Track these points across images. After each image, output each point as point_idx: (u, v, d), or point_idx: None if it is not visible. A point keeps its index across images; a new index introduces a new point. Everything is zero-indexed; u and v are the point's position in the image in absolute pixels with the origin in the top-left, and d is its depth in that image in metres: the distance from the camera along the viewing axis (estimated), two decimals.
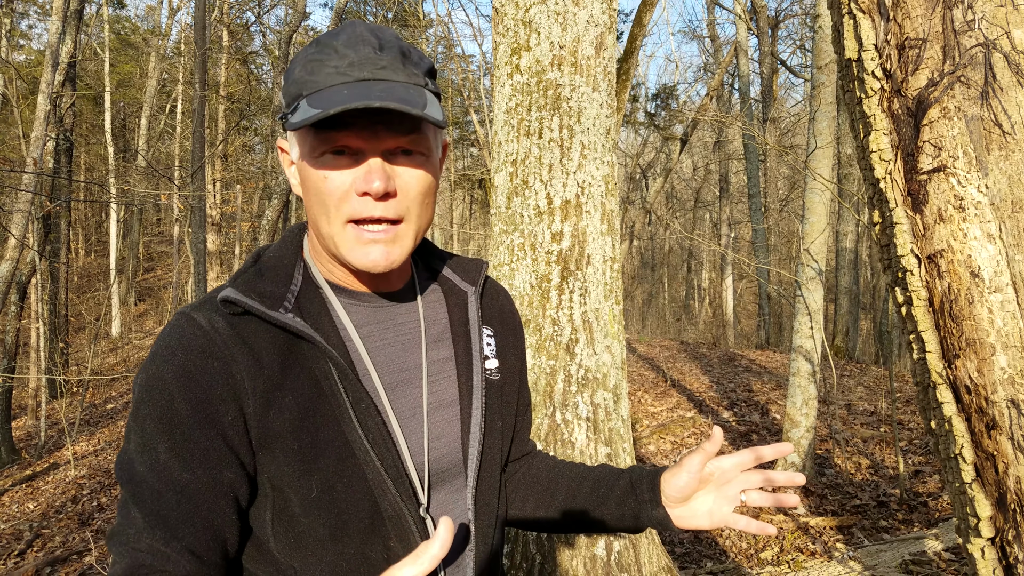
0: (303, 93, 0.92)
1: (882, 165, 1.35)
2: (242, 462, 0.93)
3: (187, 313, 0.95)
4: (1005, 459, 1.24)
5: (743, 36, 17.13)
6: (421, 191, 0.97)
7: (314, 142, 0.92)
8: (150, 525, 0.88)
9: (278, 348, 0.95)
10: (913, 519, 5.63)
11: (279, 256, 1.04)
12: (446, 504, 1.07)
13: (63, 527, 7.32)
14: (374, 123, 0.90)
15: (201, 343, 0.92)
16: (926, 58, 1.30)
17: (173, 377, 0.90)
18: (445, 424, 1.08)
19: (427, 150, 0.97)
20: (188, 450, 0.89)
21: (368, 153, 0.92)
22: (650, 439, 8.29)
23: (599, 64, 3.23)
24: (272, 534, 0.97)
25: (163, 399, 0.90)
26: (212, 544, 0.91)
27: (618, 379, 3.21)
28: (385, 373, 1.03)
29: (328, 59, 0.92)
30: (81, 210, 27.15)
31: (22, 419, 13.35)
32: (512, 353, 1.22)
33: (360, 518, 0.96)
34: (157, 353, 0.93)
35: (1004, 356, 1.24)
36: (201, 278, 12.57)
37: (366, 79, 0.91)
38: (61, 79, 10.79)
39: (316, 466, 0.94)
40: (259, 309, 0.94)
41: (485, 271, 1.19)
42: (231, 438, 0.91)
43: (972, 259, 1.26)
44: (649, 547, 3.15)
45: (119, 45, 25.13)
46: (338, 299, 1.03)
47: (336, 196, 0.93)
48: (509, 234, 3.21)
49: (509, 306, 1.26)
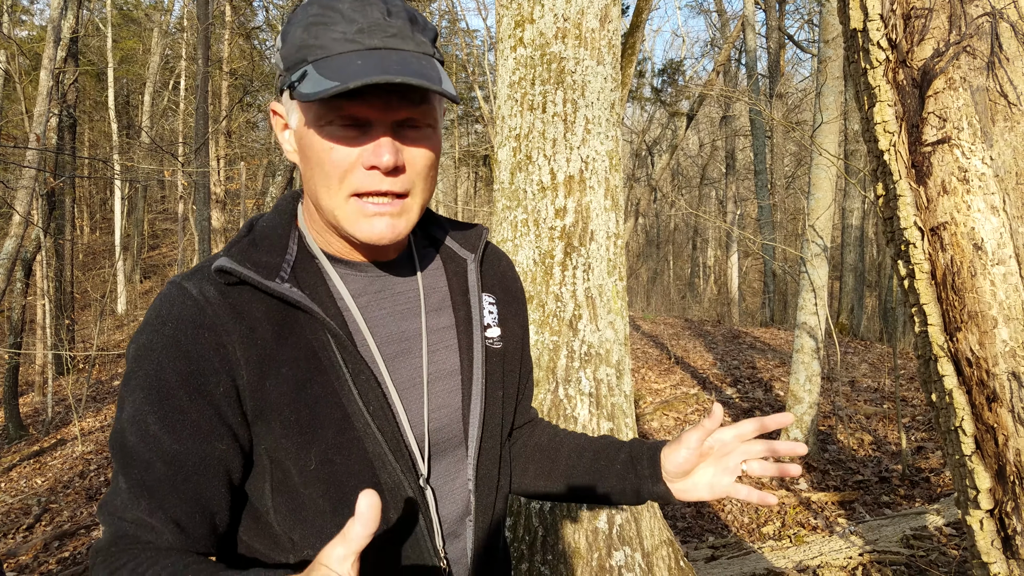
0: (308, 59, 0.88)
1: (886, 137, 1.34)
2: (235, 434, 0.92)
3: (178, 283, 0.94)
4: (1005, 431, 1.24)
5: (750, 10, 16.94)
6: (427, 164, 0.95)
7: (320, 111, 0.89)
8: (135, 496, 0.88)
9: (273, 318, 0.94)
10: (915, 494, 5.66)
11: (273, 225, 1.02)
12: (446, 475, 1.06)
13: (71, 502, 7.40)
14: (387, 94, 0.88)
15: (192, 313, 0.91)
16: (932, 28, 1.28)
17: (163, 347, 0.89)
18: (445, 394, 1.07)
19: (434, 122, 0.95)
20: (178, 421, 0.89)
21: (376, 124, 0.90)
22: (653, 415, 8.32)
23: (604, 37, 3.20)
24: (272, 506, 0.96)
25: (153, 369, 0.89)
26: (199, 516, 0.91)
27: (621, 355, 3.22)
28: (384, 343, 1.02)
29: (334, 22, 0.88)
30: (85, 187, 27.16)
31: (29, 396, 13.44)
32: (514, 320, 1.20)
33: (359, 489, 0.95)
34: (148, 323, 0.92)
35: (1006, 329, 1.24)
36: (205, 255, 12.59)
37: (377, 47, 0.88)
38: (63, 55, 10.74)
39: (314, 438, 0.93)
40: (255, 279, 0.92)
41: (485, 237, 1.17)
42: (223, 410, 0.91)
43: (975, 231, 1.25)
44: (651, 520, 3.18)
45: (121, 20, 24.97)
46: (334, 269, 1.01)
47: (341, 168, 0.90)
48: (512, 210, 3.20)
49: (511, 272, 1.24)
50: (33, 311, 15.19)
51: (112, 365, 15.22)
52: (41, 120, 7.87)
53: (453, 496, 1.07)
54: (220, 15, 16.86)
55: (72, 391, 10.94)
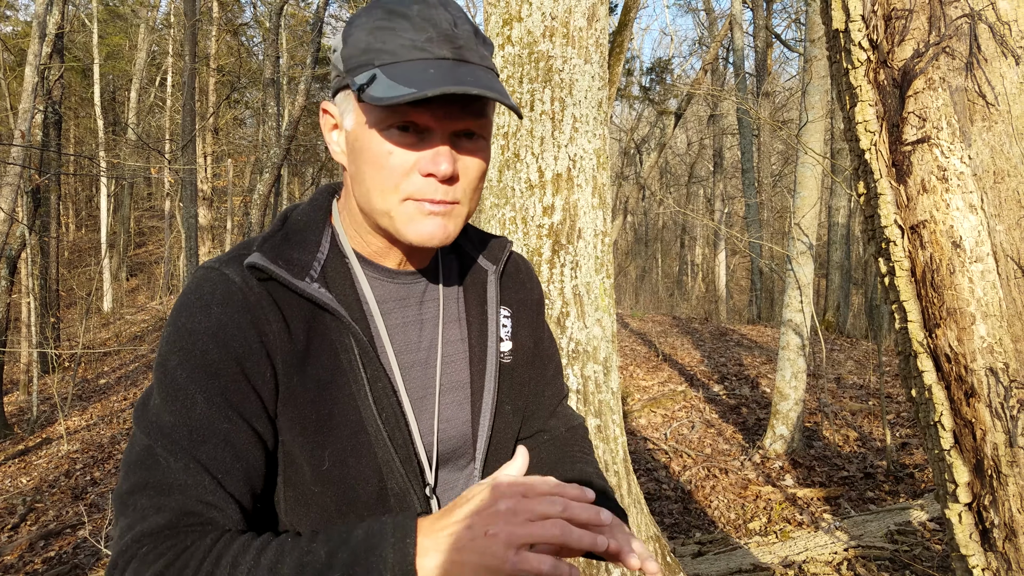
0: (375, 63, 0.89)
1: (867, 136, 1.36)
2: (270, 417, 0.93)
3: (217, 268, 0.94)
4: (983, 426, 1.26)
5: (738, 9, 16.99)
6: (478, 175, 0.97)
7: (382, 114, 0.90)
8: (193, 473, 0.86)
9: (304, 316, 0.95)
10: (899, 490, 5.71)
11: (308, 221, 1.02)
12: (453, 485, 1.08)
13: (56, 501, 7.36)
14: (451, 104, 0.89)
15: (238, 298, 0.91)
16: (912, 29, 1.30)
17: (207, 330, 0.89)
18: (456, 406, 1.08)
19: (488, 134, 0.97)
20: (226, 400, 0.89)
21: (436, 132, 0.91)
22: (641, 412, 8.36)
23: (591, 36, 3.21)
24: (283, 498, 0.98)
25: (197, 350, 0.89)
26: (250, 496, 0.91)
27: (608, 352, 3.23)
28: (402, 352, 1.03)
29: (402, 29, 0.89)
30: (71, 184, 26.95)
31: (14, 394, 13.35)
32: (526, 332, 1.20)
33: (367, 494, 0.97)
34: (187, 305, 0.91)
35: (984, 325, 1.26)
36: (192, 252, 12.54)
37: (446, 58, 0.89)
38: (49, 51, 10.65)
39: (329, 438, 0.95)
40: (285, 278, 0.93)
41: (509, 250, 1.18)
42: (263, 393, 0.92)
43: (954, 229, 1.28)
44: (638, 516, 3.20)
45: (107, 16, 24.78)
46: (363, 271, 1.02)
47: (399, 172, 0.91)
48: (500, 207, 3.21)
49: (530, 282, 1.24)
50: (18, 309, 15.08)
51: (98, 363, 15.13)
52: (26, 116, 7.81)
53: None
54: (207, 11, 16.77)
55: (57, 390, 10.87)
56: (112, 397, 11.74)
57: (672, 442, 7.34)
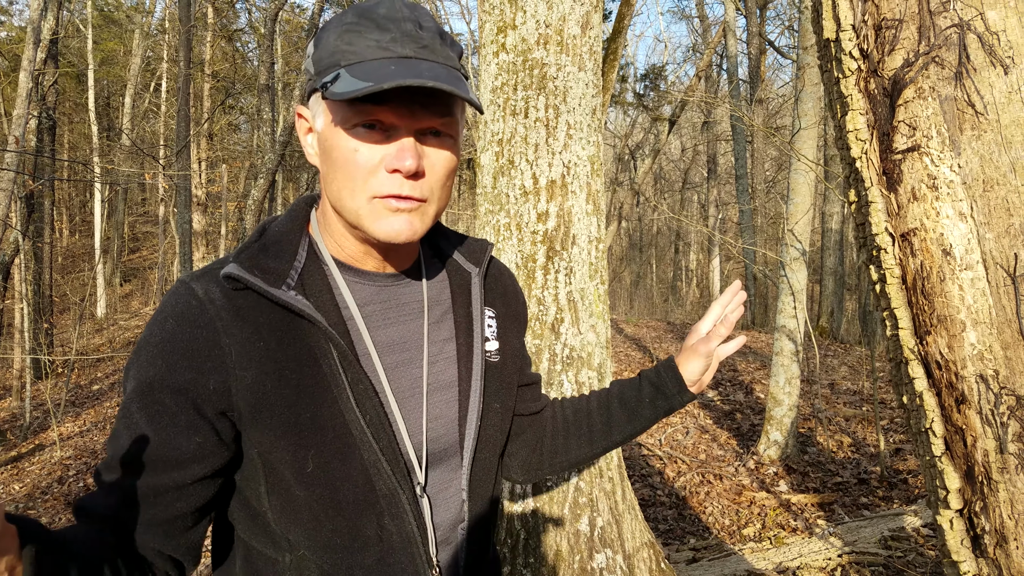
0: (341, 63, 0.91)
1: (858, 145, 1.37)
2: (216, 429, 0.95)
3: (186, 282, 0.97)
4: (973, 433, 1.27)
5: (731, 16, 17.08)
6: (446, 172, 0.98)
7: (347, 113, 0.92)
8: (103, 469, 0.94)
9: (277, 324, 0.96)
10: (893, 496, 5.72)
11: (285, 231, 1.04)
12: (441, 484, 1.08)
13: (49, 507, 7.32)
14: (413, 101, 0.91)
15: (194, 313, 0.94)
16: (902, 38, 1.31)
17: (158, 342, 0.93)
18: (443, 405, 1.09)
19: (455, 133, 0.98)
20: (156, 411, 0.92)
21: (401, 130, 0.92)
22: None
23: (585, 43, 3.23)
24: (269, 506, 0.99)
25: (145, 361, 0.93)
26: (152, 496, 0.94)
27: (603, 358, 3.24)
28: (386, 353, 1.04)
29: (367, 31, 0.91)
30: (65, 190, 26.89)
31: (6, 400, 13.28)
32: (513, 333, 1.23)
33: (355, 495, 0.98)
34: (154, 318, 0.96)
35: (974, 332, 1.27)
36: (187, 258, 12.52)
37: (408, 56, 0.91)
38: (43, 56, 10.64)
39: (312, 441, 0.96)
40: (260, 287, 0.95)
41: (490, 252, 1.20)
42: (204, 407, 0.93)
43: (944, 237, 1.29)
44: (632, 523, 3.20)
45: (102, 22, 24.77)
46: (343, 276, 1.03)
47: (365, 169, 0.92)
48: (495, 214, 3.22)
49: (512, 286, 1.27)
50: (11, 314, 15.01)
51: (92, 370, 15.07)
52: (20, 122, 7.80)
53: (447, 504, 1.09)
54: (202, 17, 16.77)
55: (51, 396, 10.82)
56: (105, 403, 11.69)
57: (666, 448, 7.34)
